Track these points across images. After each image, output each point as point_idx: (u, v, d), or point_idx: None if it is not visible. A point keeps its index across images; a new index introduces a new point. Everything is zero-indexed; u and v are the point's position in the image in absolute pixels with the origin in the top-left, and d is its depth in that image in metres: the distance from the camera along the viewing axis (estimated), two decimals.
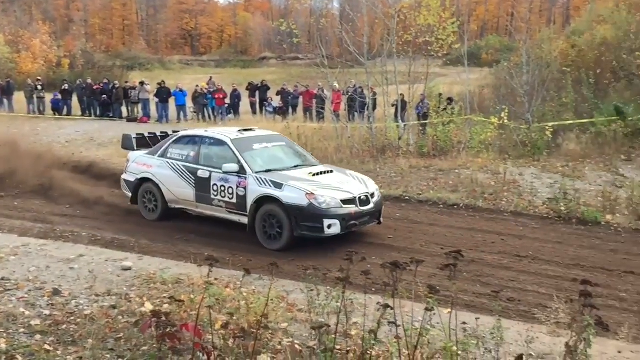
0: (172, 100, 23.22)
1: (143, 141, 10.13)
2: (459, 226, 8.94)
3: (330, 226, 7.49)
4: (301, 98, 23.18)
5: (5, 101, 25.72)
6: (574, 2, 54.27)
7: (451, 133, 14.93)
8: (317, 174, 8.31)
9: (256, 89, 24.74)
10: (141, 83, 24.24)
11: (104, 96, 24.38)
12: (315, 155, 10.52)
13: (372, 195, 8.21)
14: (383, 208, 8.59)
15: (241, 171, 8.11)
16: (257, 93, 24.61)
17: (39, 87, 25.40)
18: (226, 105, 23.77)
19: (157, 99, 23.15)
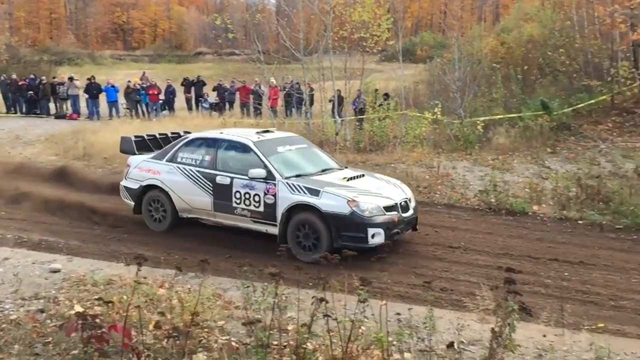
0: (103, 96, 22.49)
1: (143, 144, 9.24)
2: None
3: (374, 235, 6.97)
4: (238, 94, 22.98)
5: None
6: (503, 1, 56.04)
7: (387, 128, 15.16)
8: (351, 179, 7.77)
9: (192, 85, 24.37)
10: (70, 78, 23.31)
11: (31, 92, 23.34)
12: None
13: (410, 200, 7.82)
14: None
15: (269, 177, 7.48)
16: (193, 89, 24.23)
17: None
18: (160, 101, 23.25)
19: (87, 95, 22.36)
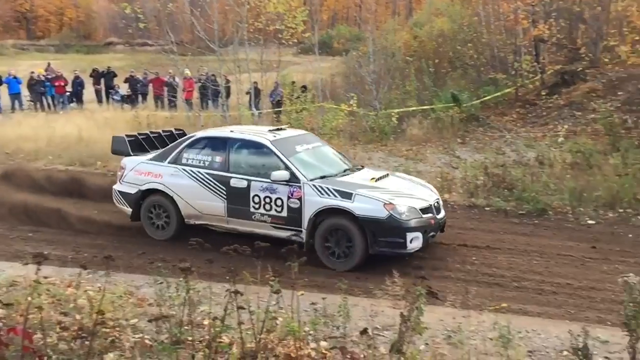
0: (5, 88, 21.18)
1: (137, 143, 8.45)
2: None
3: (412, 240, 6.59)
4: (151, 86, 22.34)
5: None
6: None
7: (304, 120, 15.26)
8: (379, 179, 7.36)
9: (101, 76, 23.43)
10: None
11: None
12: None
13: (439, 200, 7.52)
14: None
15: (292, 179, 6.96)
16: (103, 80, 23.30)
17: None
18: (67, 93, 22.20)
19: None
